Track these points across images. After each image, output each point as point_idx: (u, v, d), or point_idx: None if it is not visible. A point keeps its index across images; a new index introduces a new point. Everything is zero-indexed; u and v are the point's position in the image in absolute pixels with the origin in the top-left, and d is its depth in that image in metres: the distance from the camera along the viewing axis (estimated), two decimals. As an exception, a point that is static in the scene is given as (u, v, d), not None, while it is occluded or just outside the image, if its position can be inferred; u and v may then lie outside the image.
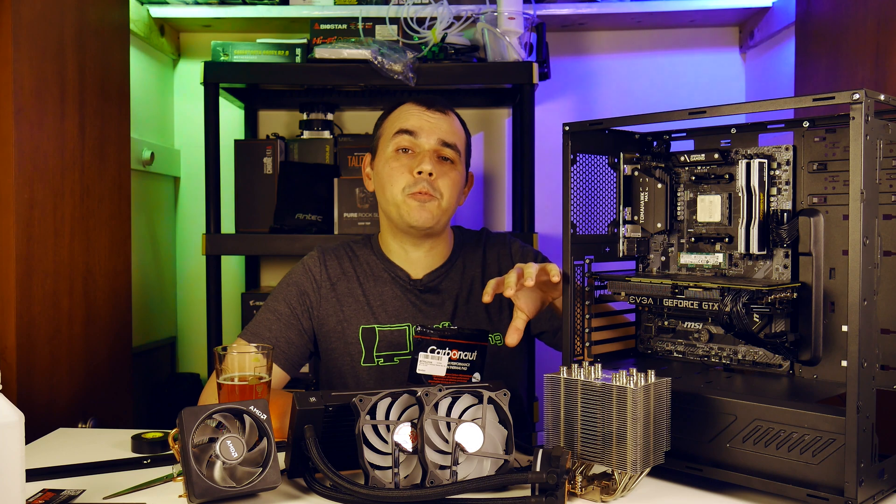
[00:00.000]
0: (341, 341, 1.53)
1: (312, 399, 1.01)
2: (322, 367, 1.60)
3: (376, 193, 1.58)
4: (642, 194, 1.26)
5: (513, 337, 1.29)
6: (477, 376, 1.34)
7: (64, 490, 1.04)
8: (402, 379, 1.48)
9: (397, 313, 1.54)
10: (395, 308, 1.54)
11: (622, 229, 1.26)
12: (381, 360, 1.52)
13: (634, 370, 0.96)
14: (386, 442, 1.00)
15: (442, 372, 1.32)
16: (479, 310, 1.56)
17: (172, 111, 2.50)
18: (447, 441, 1.00)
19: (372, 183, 1.61)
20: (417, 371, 1.32)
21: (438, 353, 1.32)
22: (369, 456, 0.99)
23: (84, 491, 1.04)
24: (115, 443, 1.28)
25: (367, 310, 1.54)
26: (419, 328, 1.34)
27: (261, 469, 0.98)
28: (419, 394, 1.01)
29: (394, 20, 2.09)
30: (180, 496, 1.01)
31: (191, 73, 2.49)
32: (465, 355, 1.33)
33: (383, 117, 1.61)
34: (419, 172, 1.49)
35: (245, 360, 1.22)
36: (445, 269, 1.58)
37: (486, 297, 1.27)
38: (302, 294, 1.55)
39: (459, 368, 1.33)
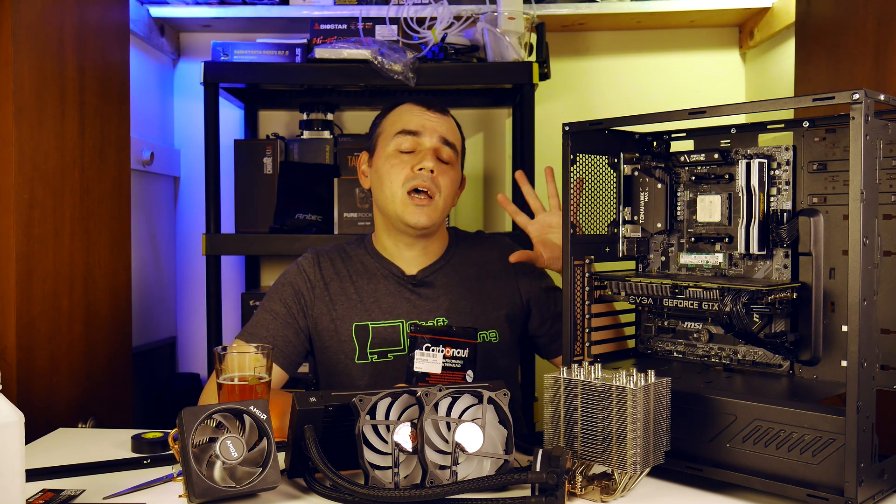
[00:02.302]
0: (335, 339, 1.54)
1: (312, 399, 1.01)
2: (319, 365, 1.60)
3: (373, 191, 1.59)
4: (642, 194, 1.26)
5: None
6: (470, 374, 1.34)
7: (64, 490, 1.04)
8: (395, 376, 1.48)
9: (391, 309, 1.54)
10: (389, 304, 1.55)
11: (622, 229, 1.26)
12: (375, 356, 1.52)
13: (634, 370, 0.96)
14: (386, 442, 1.00)
15: (438, 369, 1.33)
16: (474, 306, 1.56)
17: (172, 111, 2.50)
18: (447, 441, 1.00)
19: (368, 181, 1.61)
20: (415, 369, 1.33)
21: (433, 350, 1.33)
22: (369, 456, 0.99)
23: (84, 491, 1.04)
24: (115, 443, 1.28)
25: (360, 307, 1.54)
26: (413, 326, 1.35)
27: (261, 469, 0.98)
28: (419, 394, 1.01)
29: (394, 20, 2.09)
30: (180, 496, 1.01)
31: (191, 73, 2.49)
32: (458, 352, 1.34)
33: (382, 116, 1.61)
34: (420, 169, 1.50)
35: (245, 360, 1.22)
36: (440, 264, 1.58)
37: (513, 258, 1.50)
38: (297, 293, 1.55)
39: (454, 366, 1.34)
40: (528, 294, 1.60)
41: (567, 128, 1.17)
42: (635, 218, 1.27)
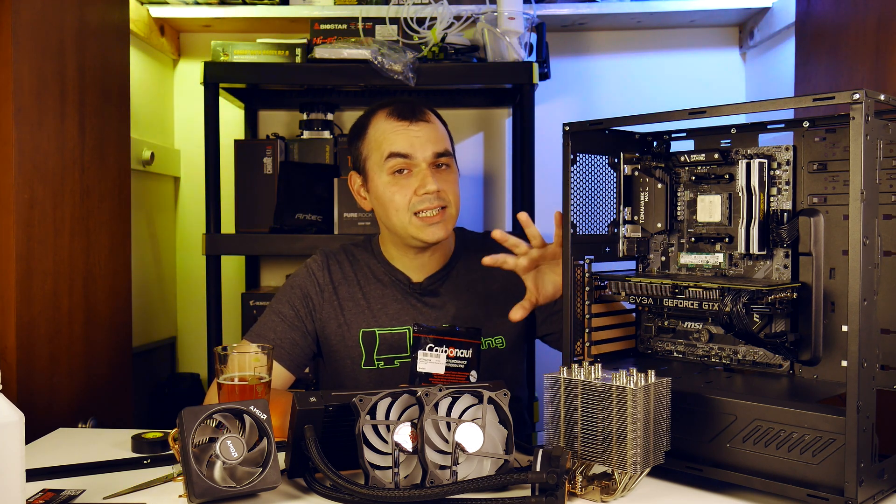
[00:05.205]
0: (342, 344, 1.53)
1: (312, 399, 1.01)
2: (326, 369, 1.60)
3: (377, 213, 1.55)
4: (642, 194, 1.26)
5: (517, 312, 1.35)
6: (474, 374, 1.34)
7: (64, 490, 1.04)
8: (402, 382, 1.48)
9: (398, 316, 1.54)
10: (396, 311, 1.54)
11: (622, 229, 1.26)
12: (382, 363, 1.52)
13: (634, 370, 0.96)
14: (386, 442, 1.00)
15: (441, 370, 1.32)
16: (481, 313, 1.55)
17: (172, 111, 2.50)
18: (447, 441, 1.00)
19: (368, 203, 1.57)
20: (418, 369, 1.32)
21: (437, 350, 1.33)
22: (369, 456, 0.99)
23: (84, 491, 1.04)
24: (115, 443, 1.28)
25: (368, 313, 1.54)
26: (416, 326, 1.35)
27: (261, 469, 0.98)
28: (419, 394, 1.01)
29: (394, 20, 2.09)
30: (180, 496, 1.01)
31: (191, 73, 2.49)
32: (461, 352, 1.34)
33: (360, 135, 1.55)
34: (424, 192, 1.46)
35: (245, 360, 1.22)
36: (446, 271, 1.58)
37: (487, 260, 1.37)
38: (305, 296, 1.55)
39: (457, 366, 1.33)
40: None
41: (567, 128, 1.17)
42: (635, 218, 1.27)
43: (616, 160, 1.26)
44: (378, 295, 1.55)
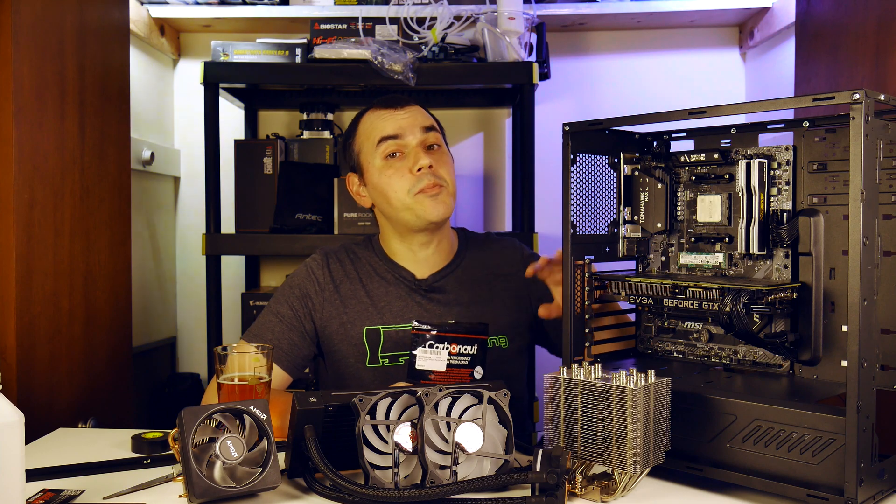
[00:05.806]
0: (345, 343, 1.53)
1: (312, 399, 1.01)
2: (329, 369, 1.59)
3: (378, 206, 1.56)
4: (642, 194, 1.26)
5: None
6: (479, 370, 1.33)
7: (64, 490, 1.04)
8: (407, 379, 1.48)
9: (402, 313, 1.53)
10: (400, 308, 1.53)
11: (622, 229, 1.26)
12: (386, 360, 1.51)
13: (634, 370, 0.96)
14: (386, 442, 1.00)
15: (442, 367, 1.32)
16: (486, 310, 1.55)
17: (172, 111, 2.50)
18: (447, 441, 1.00)
19: (367, 199, 1.58)
20: (417, 367, 1.32)
21: (437, 347, 1.32)
22: (369, 456, 0.99)
23: (84, 491, 1.04)
24: (115, 443, 1.28)
25: (372, 310, 1.53)
26: (416, 323, 1.34)
27: (261, 469, 0.98)
28: (419, 394, 1.01)
29: (394, 20, 2.09)
30: (180, 496, 1.01)
31: (191, 73, 2.49)
32: (465, 349, 1.33)
33: (352, 134, 1.58)
34: (419, 170, 1.48)
35: (245, 360, 1.22)
36: (451, 268, 1.57)
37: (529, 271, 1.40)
38: (304, 296, 1.54)
39: (460, 363, 1.32)
40: (541, 299, 1.58)
41: (567, 128, 1.17)
42: (635, 218, 1.27)
43: (616, 160, 1.26)
44: (381, 292, 1.55)
